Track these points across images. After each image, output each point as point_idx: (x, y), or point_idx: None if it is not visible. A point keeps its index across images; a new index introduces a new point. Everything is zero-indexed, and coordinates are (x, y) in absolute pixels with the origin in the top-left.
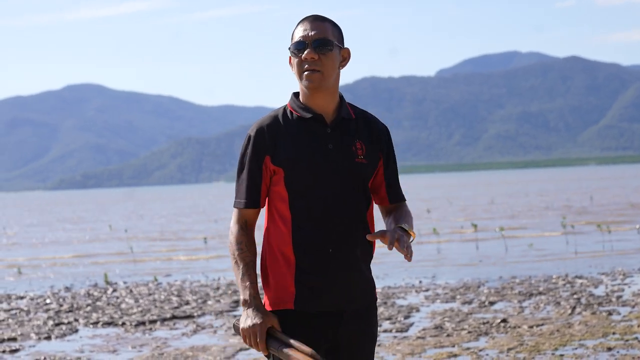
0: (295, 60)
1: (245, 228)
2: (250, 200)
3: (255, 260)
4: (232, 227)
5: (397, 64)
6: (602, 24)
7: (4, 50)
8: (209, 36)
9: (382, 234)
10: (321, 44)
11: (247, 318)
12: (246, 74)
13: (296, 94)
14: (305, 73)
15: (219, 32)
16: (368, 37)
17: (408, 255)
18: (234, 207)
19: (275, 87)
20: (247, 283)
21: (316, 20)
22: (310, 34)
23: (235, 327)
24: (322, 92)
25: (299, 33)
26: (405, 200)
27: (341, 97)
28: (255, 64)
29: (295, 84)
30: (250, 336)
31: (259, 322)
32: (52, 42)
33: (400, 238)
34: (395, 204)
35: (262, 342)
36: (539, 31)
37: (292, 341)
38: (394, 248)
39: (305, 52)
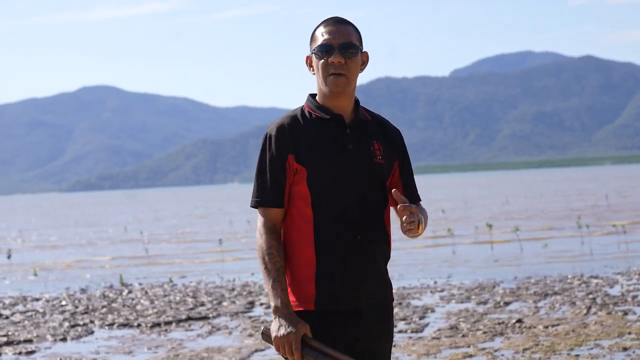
0: (319, 63)
1: (274, 232)
2: (276, 200)
3: (285, 265)
4: (260, 229)
5: (411, 64)
6: (616, 22)
7: (19, 52)
8: (224, 37)
9: (404, 200)
10: (347, 48)
11: (280, 326)
12: (260, 75)
13: (313, 95)
14: (331, 77)
15: (233, 32)
16: (382, 38)
17: (406, 223)
18: (258, 206)
19: (289, 88)
20: (279, 290)
21: (341, 24)
22: (336, 38)
23: (265, 335)
24: (343, 94)
25: (324, 35)
26: (420, 200)
27: (356, 100)
28: (270, 64)
29: (309, 85)
30: (284, 345)
31: (293, 331)
32: (66, 44)
33: (415, 212)
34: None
35: (297, 351)
36: (552, 30)
37: (329, 350)
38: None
39: (333, 56)
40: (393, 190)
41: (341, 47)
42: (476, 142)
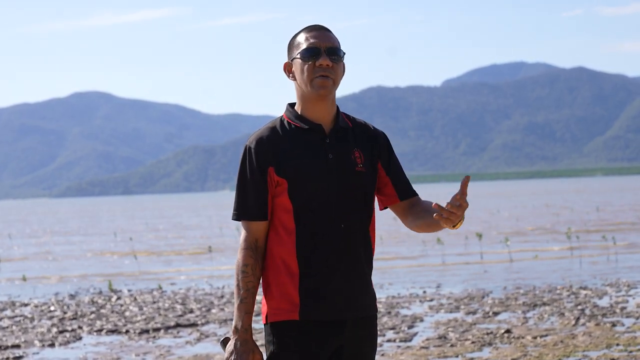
0: (305, 66)
1: (255, 249)
2: (259, 212)
3: (258, 286)
4: (242, 244)
5: (403, 73)
6: (608, 34)
7: (11, 58)
8: (216, 44)
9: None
10: (334, 52)
11: (233, 351)
12: (253, 83)
13: (292, 104)
14: (319, 79)
15: (226, 40)
16: (374, 47)
17: (451, 215)
18: (241, 219)
19: (281, 96)
20: (243, 312)
21: (324, 30)
22: (323, 42)
23: (223, 345)
24: (326, 100)
25: (309, 40)
26: (417, 195)
27: (337, 107)
28: (262, 72)
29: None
30: None
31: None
32: (59, 50)
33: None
34: (408, 200)
35: None
36: (545, 41)
37: None
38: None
39: (321, 58)
40: (434, 204)
41: (328, 51)
42: (467, 152)
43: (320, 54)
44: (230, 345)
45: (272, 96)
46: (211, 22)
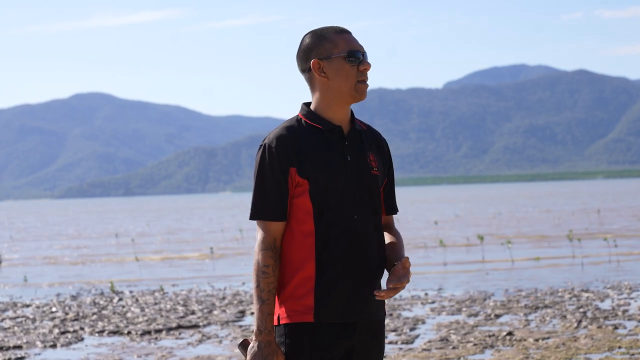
0: (350, 69)
1: (274, 248)
2: (279, 212)
3: (277, 286)
4: (260, 244)
5: (404, 75)
6: (609, 37)
7: (12, 59)
8: (218, 46)
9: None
10: (367, 57)
11: (255, 354)
12: (253, 84)
13: (307, 104)
14: (361, 84)
15: (227, 42)
16: (375, 49)
17: (396, 285)
18: (260, 219)
19: (283, 97)
20: (266, 314)
21: (351, 34)
22: (360, 46)
23: (242, 347)
24: (348, 106)
25: (349, 42)
26: (397, 212)
27: (351, 110)
28: (263, 74)
29: (303, 95)
30: None
31: None
32: (59, 51)
33: (401, 277)
34: (389, 216)
35: None
36: (546, 43)
37: None
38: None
39: (365, 62)
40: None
41: (365, 55)
42: (468, 155)
43: (363, 59)
44: (253, 347)
45: (273, 98)
46: (211, 23)
